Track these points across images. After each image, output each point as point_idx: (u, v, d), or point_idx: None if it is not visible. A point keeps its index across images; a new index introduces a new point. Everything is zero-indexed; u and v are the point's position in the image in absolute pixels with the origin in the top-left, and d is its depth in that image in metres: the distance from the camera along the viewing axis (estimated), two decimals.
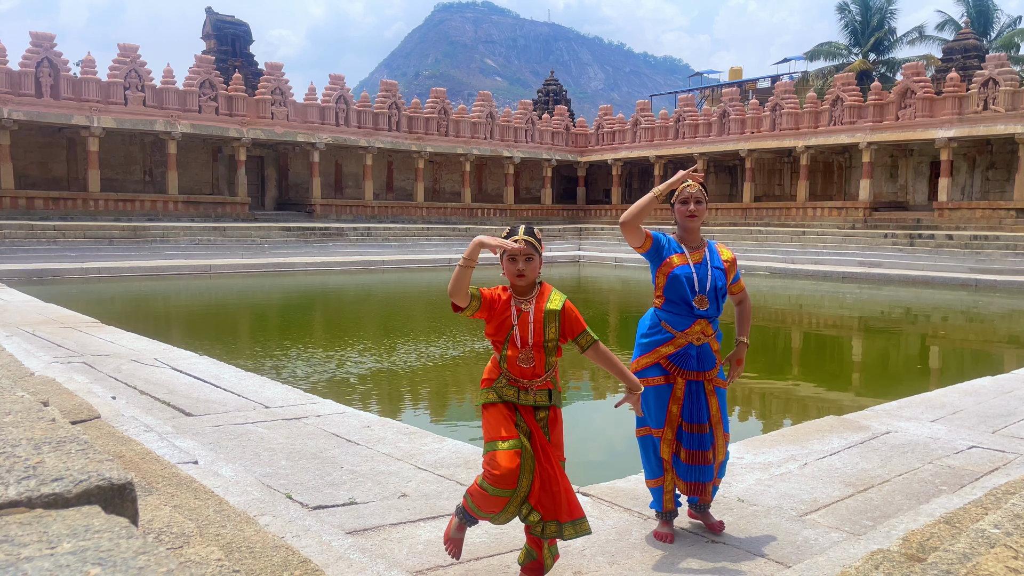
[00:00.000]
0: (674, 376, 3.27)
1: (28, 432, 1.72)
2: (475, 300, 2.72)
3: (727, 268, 3.34)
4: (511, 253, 2.72)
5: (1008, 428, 5.18)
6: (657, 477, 3.30)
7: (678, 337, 3.26)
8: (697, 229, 3.36)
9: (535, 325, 2.74)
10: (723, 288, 3.30)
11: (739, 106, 33.34)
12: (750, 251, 27.68)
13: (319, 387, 7.86)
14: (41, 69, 25.52)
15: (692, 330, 3.25)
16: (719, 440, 3.30)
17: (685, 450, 3.27)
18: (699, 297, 3.24)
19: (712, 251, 3.37)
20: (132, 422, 4.75)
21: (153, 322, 13.38)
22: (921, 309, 17.29)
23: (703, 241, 3.39)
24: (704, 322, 3.25)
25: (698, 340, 3.26)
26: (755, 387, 8.61)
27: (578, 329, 2.82)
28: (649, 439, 3.32)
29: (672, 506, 3.31)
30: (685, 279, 3.24)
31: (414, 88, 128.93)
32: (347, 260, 25.06)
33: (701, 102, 53.34)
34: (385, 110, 33.40)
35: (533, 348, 2.74)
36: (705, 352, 3.28)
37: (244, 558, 2.40)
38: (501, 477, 2.63)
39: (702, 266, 3.28)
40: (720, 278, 3.29)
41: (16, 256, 20.92)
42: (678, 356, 3.27)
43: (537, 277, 2.80)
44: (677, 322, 3.26)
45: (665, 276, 3.28)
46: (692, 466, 3.26)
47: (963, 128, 26.22)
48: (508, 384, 2.77)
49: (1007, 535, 2.09)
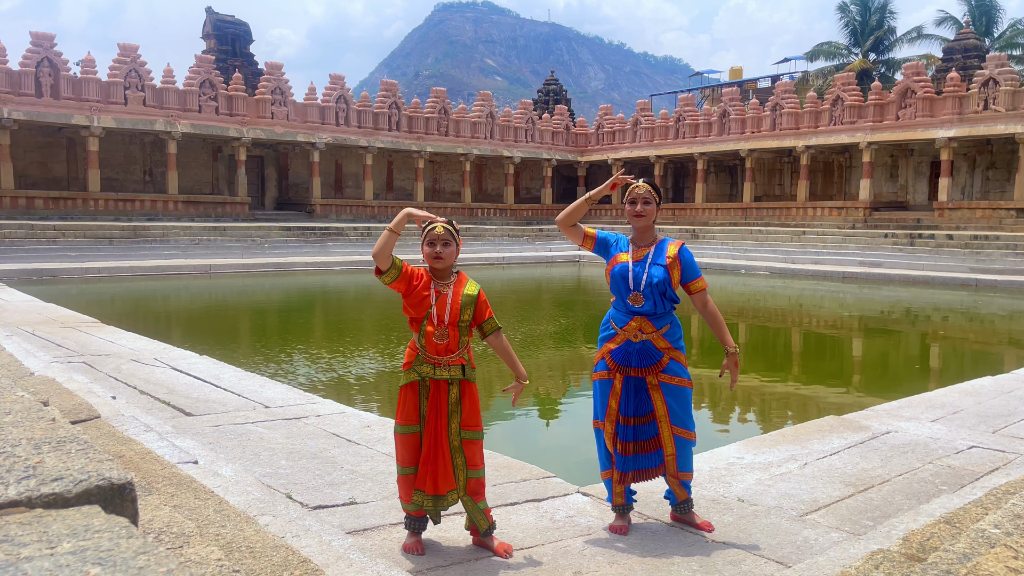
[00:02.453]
0: (613, 371, 3.34)
1: (28, 432, 1.72)
2: (395, 269, 3.03)
3: (668, 265, 3.30)
4: (431, 238, 3.06)
5: (1008, 428, 5.18)
6: (606, 469, 3.41)
7: (619, 334, 3.33)
8: (647, 228, 3.39)
9: (452, 307, 3.04)
10: (661, 284, 3.27)
11: (739, 106, 33.33)
12: (750, 251, 27.68)
13: (319, 387, 7.86)
14: (41, 69, 25.53)
15: (629, 327, 3.31)
16: (665, 433, 3.32)
17: (621, 442, 3.33)
18: (633, 294, 3.27)
19: (659, 249, 3.36)
20: (132, 422, 4.75)
21: (153, 322, 13.38)
22: (921, 309, 17.29)
23: (654, 239, 3.40)
24: (641, 319, 3.28)
25: (636, 337, 3.29)
26: (755, 387, 8.61)
27: (487, 315, 3.14)
28: (600, 432, 3.43)
29: (622, 500, 3.37)
30: (620, 277, 3.31)
31: (414, 88, 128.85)
32: (347, 260, 25.06)
33: (701, 102, 53.34)
34: (385, 110, 33.40)
35: (449, 326, 3.03)
36: (646, 349, 3.30)
37: (244, 558, 2.40)
38: (403, 456, 3.07)
39: (640, 263, 3.30)
40: (658, 274, 3.27)
41: (16, 256, 20.92)
42: (617, 352, 3.34)
43: (453, 264, 3.13)
44: (618, 319, 3.35)
45: (608, 273, 3.39)
46: (630, 456, 3.33)
47: (963, 128, 26.22)
48: (424, 361, 3.05)
49: (1007, 535, 2.09)
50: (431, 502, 3.05)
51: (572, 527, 3.37)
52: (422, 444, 3.05)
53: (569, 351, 11.35)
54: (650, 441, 3.34)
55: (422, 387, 3.06)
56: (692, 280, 3.34)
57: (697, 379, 9.20)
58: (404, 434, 3.07)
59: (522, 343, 11.65)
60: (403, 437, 3.07)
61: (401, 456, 3.09)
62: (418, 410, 3.06)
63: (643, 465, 3.35)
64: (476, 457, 3.09)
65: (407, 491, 3.08)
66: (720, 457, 4.45)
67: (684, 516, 3.41)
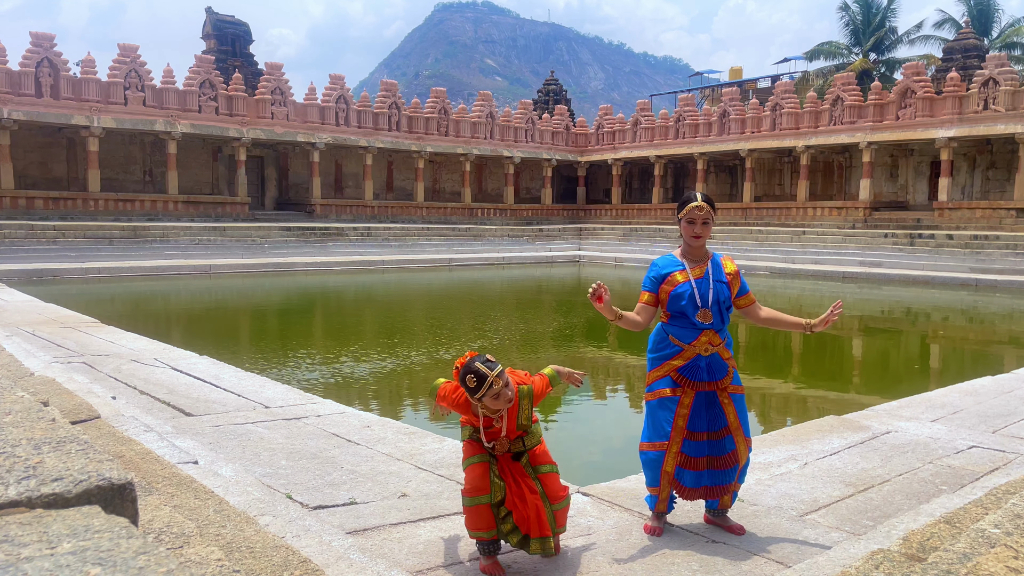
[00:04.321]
0: (683, 388, 3.31)
1: (28, 432, 1.72)
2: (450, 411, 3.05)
3: (730, 281, 3.39)
4: (490, 393, 2.86)
5: (1008, 428, 5.18)
6: (655, 486, 3.35)
7: (686, 350, 3.31)
8: (702, 246, 3.42)
9: (509, 432, 2.97)
10: (726, 301, 3.35)
11: (739, 106, 33.33)
12: (750, 251, 27.68)
13: (319, 387, 7.86)
14: (41, 69, 25.52)
15: (699, 341, 3.30)
16: (740, 445, 3.33)
17: (692, 458, 3.31)
18: (702, 311, 3.29)
19: (716, 264, 3.41)
20: (132, 422, 4.75)
21: (153, 322, 13.38)
22: (921, 309, 17.29)
23: (707, 254, 3.43)
24: (710, 332, 3.30)
25: (706, 351, 3.31)
26: (755, 387, 8.61)
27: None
28: (647, 454, 3.36)
29: (664, 508, 3.36)
30: (686, 296, 3.30)
31: (414, 88, 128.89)
32: (347, 260, 25.06)
33: (701, 102, 53.34)
34: (385, 110, 33.39)
35: (507, 435, 2.99)
36: (715, 362, 3.33)
37: (244, 558, 2.40)
38: (472, 487, 2.90)
39: (703, 280, 3.33)
40: (723, 291, 3.34)
41: (16, 256, 20.92)
42: (688, 368, 3.31)
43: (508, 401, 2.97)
44: (684, 335, 3.32)
45: (667, 293, 3.34)
46: (703, 472, 3.31)
47: (963, 128, 26.22)
48: (483, 441, 3.00)
49: (1007, 535, 2.09)
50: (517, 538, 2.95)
51: (572, 527, 3.36)
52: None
53: (570, 351, 11.34)
54: (727, 456, 3.30)
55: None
56: (744, 295, 3.43)
57: None
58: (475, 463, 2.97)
59: (522, 343, 11.65)
60: (474, 466, 2.96)
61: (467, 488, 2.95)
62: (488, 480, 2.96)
63: (718, 481, 3.31)
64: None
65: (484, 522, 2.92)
66: None
67: (719, 519, 3.41)
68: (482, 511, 2.89)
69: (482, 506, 2.89)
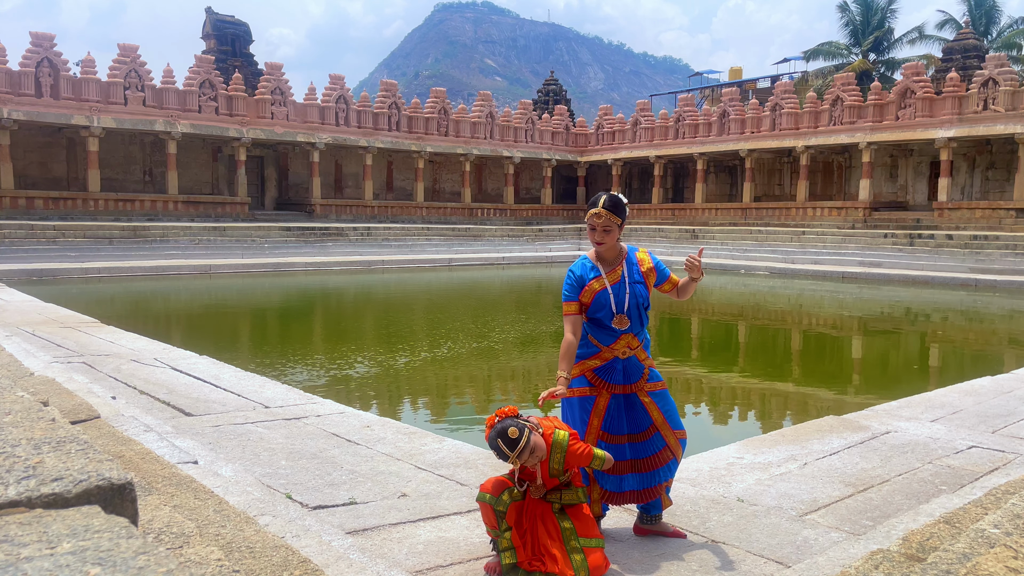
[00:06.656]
0: (599, 389, 3.24)
1: (28, 432, 1.72)
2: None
3: (646, 277, 3.29)
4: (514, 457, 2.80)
5: (1008, 428, 5.18)
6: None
7: (604, 351, 3.24)
8: (609, 250, 3.29)
9: (545, 481, 2.90)
10: (644, 301, 3.26)
11: (739, 106, 33.33)
12: (750, 251, 27.69)
13: (319, 387, 7.86)
14: (41, 69, 25.52)
15: (617, 344, 3.23)
16: (670, 439, 3.26)
17: (615, 462, 3.20)
18: (618, 317, 3.21)
19: (631, 263, 3.30)
20: (132, 422, 4.75)
21: (153, 322, 13.38)
22: (921, 309, 17.29)
23: (621, 253, 3.32)
24: (629, 336, 3.24)
25: (624, 354, 3.24)
26: (755, 387, 8.61)
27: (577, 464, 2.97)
28: None
29: (599, 511, 3.28)
30: (603, 304, 3.22)
31: (414, 88, 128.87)
32: (347, 260, 25.05)
33: (701, 102, 53.33)
34: (385, 110, 33.40)
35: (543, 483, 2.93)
36: (631, 364, 3.25)
37: (244, 558, 2.40)
38: (485, 486, 2.87)
39: (619, 285, 3.24)
40: (640, 292, 3.25)
41: (16, 256, 20.92)
42: (603, 370, 3.25)
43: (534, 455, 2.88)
44: (602, 338, 3.25)
45: (587, 303, 3.26)
46: (625, 476, 3.23)
47: (963, 128, 26.22)
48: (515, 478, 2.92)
49: (1007, 535, 2.09)
50: None
51: None
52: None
53: None
54: (655, 456, 3.23)
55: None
56: (665, 280, 3.33)
57: (696, 380, 9.21)
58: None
59: (522, 343, 11.65)
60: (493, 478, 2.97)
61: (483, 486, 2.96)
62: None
63: (647, 483, 3.23)
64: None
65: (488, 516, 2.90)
66: (720, 457, 4.45)
67: (654, 527, 3.30)
68: (487, 510, 2.89)
69: (487, 505, 2.88)
